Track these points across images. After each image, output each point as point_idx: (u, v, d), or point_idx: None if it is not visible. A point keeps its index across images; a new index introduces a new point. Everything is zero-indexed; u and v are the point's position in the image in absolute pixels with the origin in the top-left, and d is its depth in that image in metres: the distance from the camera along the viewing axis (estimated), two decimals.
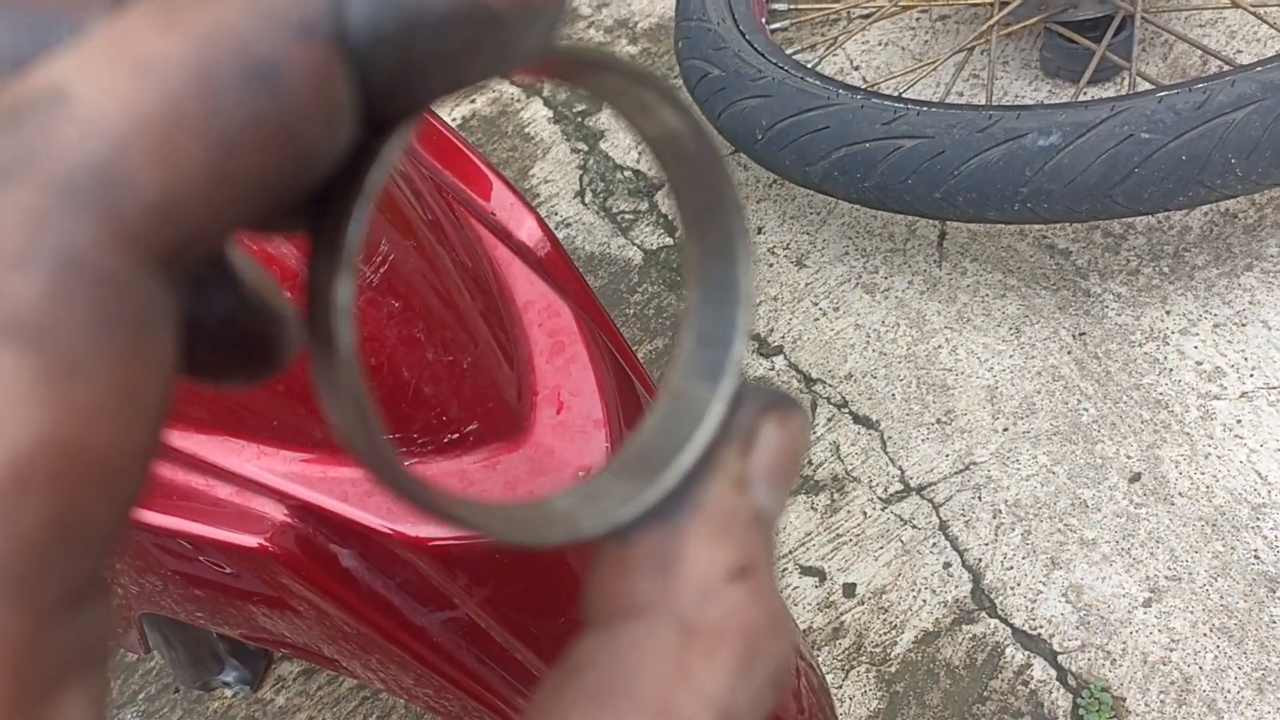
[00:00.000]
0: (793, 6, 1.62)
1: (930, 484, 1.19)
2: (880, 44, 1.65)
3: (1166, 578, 1.08)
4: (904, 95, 1.33)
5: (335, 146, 0.14)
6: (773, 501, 0.19)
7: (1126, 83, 1.34)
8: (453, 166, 0.75)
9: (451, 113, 1.67)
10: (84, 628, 0.13)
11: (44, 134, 0.12)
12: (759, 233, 1.46)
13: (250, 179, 0.13)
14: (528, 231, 0.74)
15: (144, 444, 0.13)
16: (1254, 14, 1.37)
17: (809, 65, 1.39)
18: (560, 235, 1.51)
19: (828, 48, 1.58)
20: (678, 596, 0.17)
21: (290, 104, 0.13)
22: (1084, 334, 1.27)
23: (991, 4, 1.48)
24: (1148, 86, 1.21)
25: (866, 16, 1.59)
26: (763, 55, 1.36)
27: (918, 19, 1.67)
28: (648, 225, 1.51)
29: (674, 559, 0.17)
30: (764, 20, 1.53)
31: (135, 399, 0.12)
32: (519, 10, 0.14)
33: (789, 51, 1.50)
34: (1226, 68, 1.19)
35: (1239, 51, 1.49)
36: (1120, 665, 1.04)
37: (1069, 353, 1.26)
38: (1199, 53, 1.49)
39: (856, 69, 1.63)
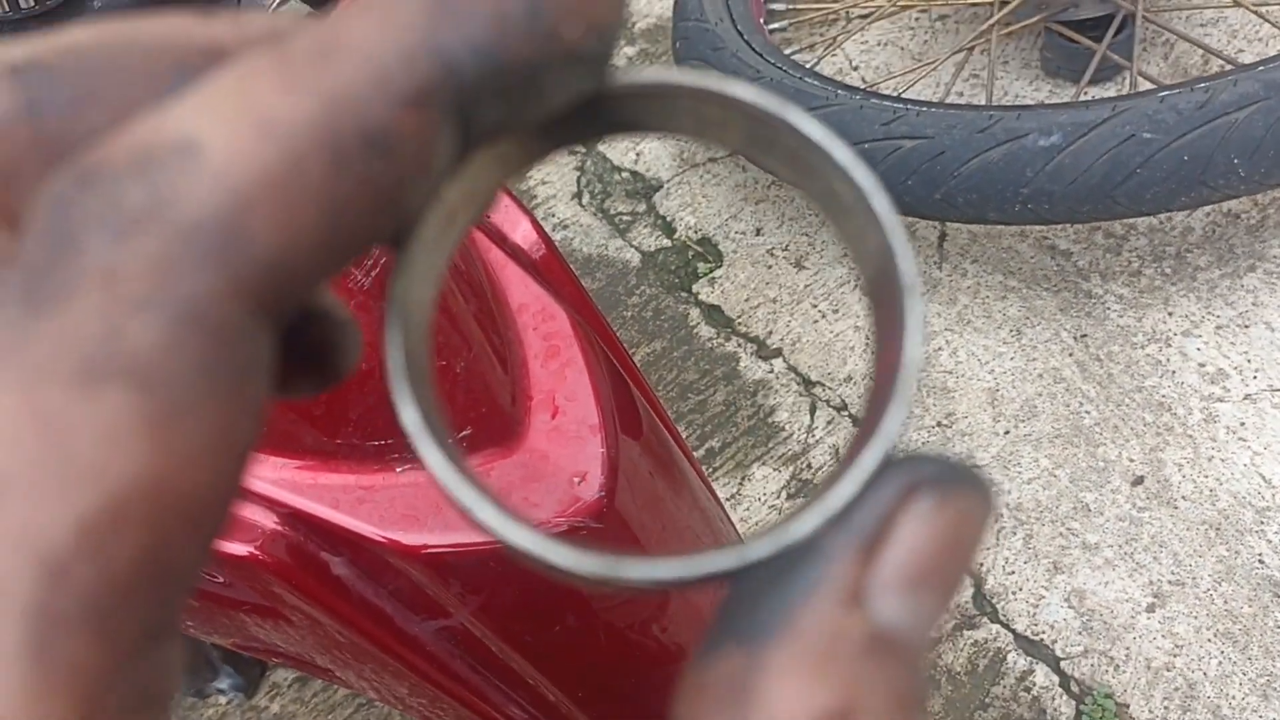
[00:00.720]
0: (791, 6, 1.61)
1: None
2: (879, 44, 1.64)
3: (1170, 582, 1.07)
4: (903, 95, 1.32)
5: (427, 196, 0.15)
6: (909, 616, 0.14)
7: (1127, 82, 1.33)
8: None
9: None
10: (156, 667, 0.13)
11: (174, 185, 0.13)
12: (757, 234, 1.45)
13: (355, 235, 0.14)
14: (522, 234, 0.73)
15: (232, 487, 0.13)
16: (1255, 13, 1.36)
17: (808, 65, 1.38)
18: (557, 237, 1.50)
19: (826, 48, 1.57)
20: None
21: (399, 169, 0.14)
22: (1086, 336, 1.26)
23: (991, 3, 1.47)
24: (1149, 86, 1.20)
25: (865, 16, 1.58)
26: (761, 55, 1.35)
27: (917, 19, 1.66)
28: (645, 227, 1.50)
29: (749, 692, 0.14)
30: (762, 20, 1.52)
31: (230, 445, 0.13)
32: (588, 33, 0.15)
33: (787, 52, 1.49)
34: (1228, 67, 1.18)
35: (1240, 51, 1.49)
36: (1124, 671, 1.03)
37: (1070, 355, 1.25)
38: (1200, 52, 1.48)
39: (855, 69, 1.62)
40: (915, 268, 0.17)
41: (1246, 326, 1.23)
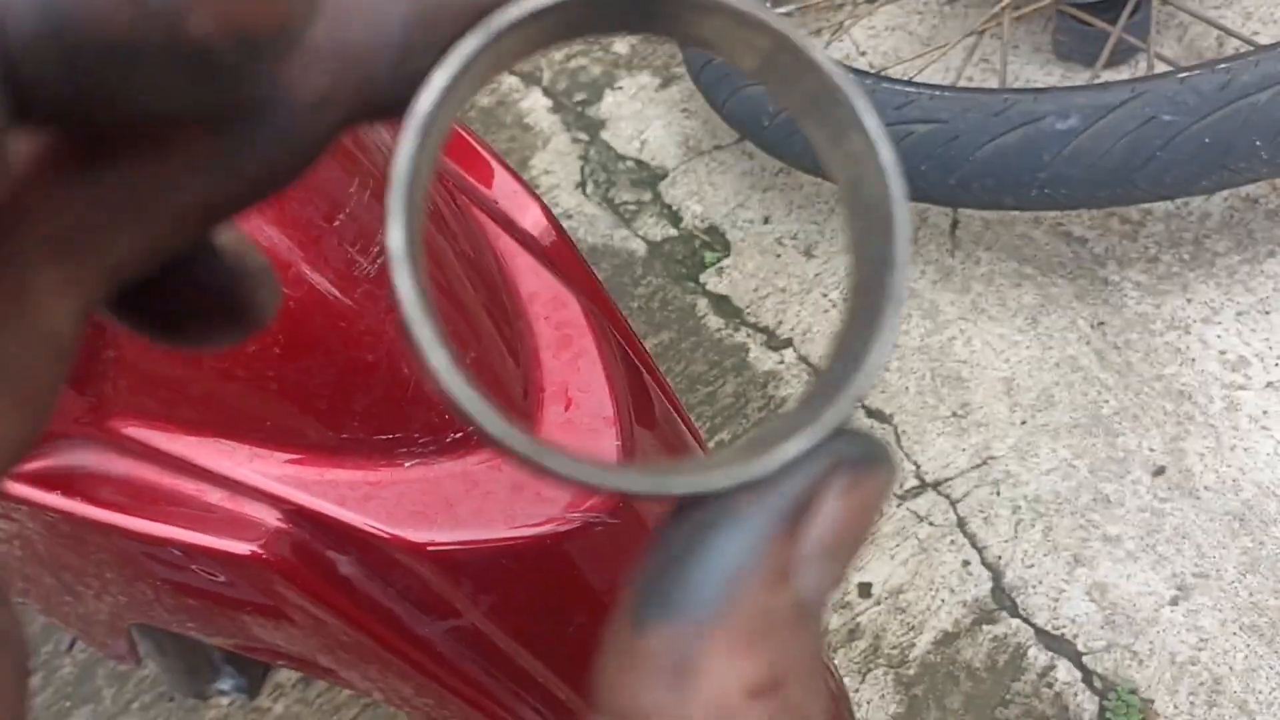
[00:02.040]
0: None
1: (947, 479, 1.15)
2: (887, 29, 1.62)
3: (1194, 575, 1.04)
4: (915, 80, 1.29)
5: None
6: (826, 579, 0.16)
7: (1142, 65, 1.30)
8: (452, 152, 0.72)
9: None
10: None
11: None
12: (765, 222, 1.42)
13: None
14: (532, 220, 0.71)
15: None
16: None
17: None
18: None
19: (833, 33, 1.54)
20: (691, 714, 0.15)
21: None
22: (1103, 323, 1.23)
23: None
24: (1165, 68, 1.17)
25: (872, 0, 1.55)
26: None
27: (925, 3, 1.64)
28: (651, 216, 1.47)
29: (691, 667, 0.15)
30: (768, 4, 1.49)
31: None
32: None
33: None
34: (1246, 48, 1.15)
35: (1256, 32, 1.46)
36: (1148, 666, 1.00)
37: (1088, 343, 1.22)
38: (1214, 34, 1.45)
39: (863, 54, 1.59)
40: (909, 246, 0.16)
41: (1267, 313, 1.20)
